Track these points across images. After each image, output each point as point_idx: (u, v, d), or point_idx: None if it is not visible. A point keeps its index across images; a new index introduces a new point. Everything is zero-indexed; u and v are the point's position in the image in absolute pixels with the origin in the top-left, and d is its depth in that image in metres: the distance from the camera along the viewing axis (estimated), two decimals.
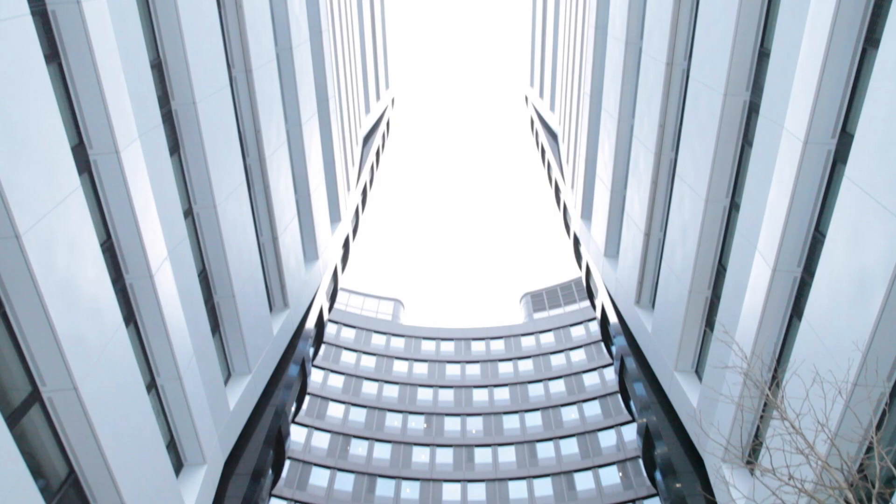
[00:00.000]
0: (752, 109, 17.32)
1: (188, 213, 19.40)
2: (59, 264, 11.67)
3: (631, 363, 28.69)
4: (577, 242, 38.45)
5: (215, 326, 21.52)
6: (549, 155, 46.60)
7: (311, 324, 31.29)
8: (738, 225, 17.88)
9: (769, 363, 14.83)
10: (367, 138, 49.08)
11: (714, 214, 19.40)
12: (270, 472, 28.15)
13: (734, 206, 18.85)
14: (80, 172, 13.38)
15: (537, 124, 52.64)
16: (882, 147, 10.88)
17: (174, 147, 18.35)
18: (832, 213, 12.85)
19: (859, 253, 11.63)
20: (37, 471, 11.79)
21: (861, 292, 11.46)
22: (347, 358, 54.81)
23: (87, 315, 12.61)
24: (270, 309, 26.65)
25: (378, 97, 52.64)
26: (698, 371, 22.64)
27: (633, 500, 41.40)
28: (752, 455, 15.84)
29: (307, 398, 48.34)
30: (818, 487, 5.51)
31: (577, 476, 44.40)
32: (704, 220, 19.48)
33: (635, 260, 26.71)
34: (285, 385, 27.50)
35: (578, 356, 54.34)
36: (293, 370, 28.74)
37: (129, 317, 15.71)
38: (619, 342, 30.46)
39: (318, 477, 44.13)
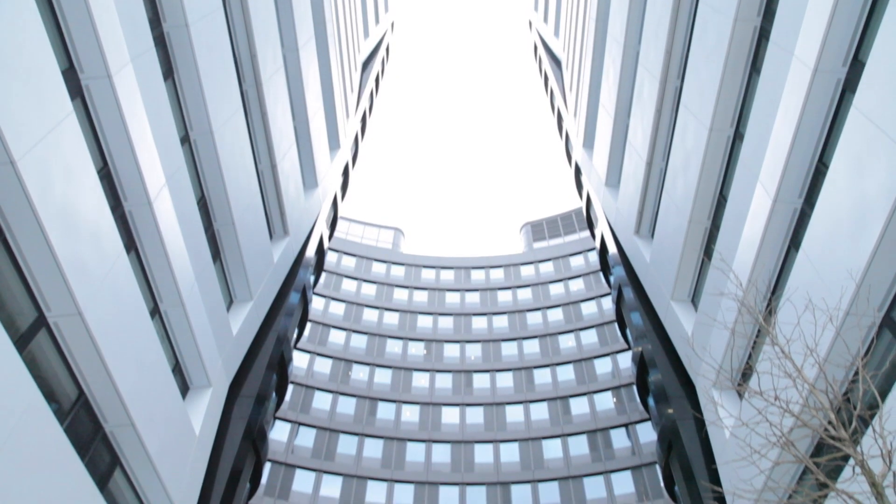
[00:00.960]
0: (763, 36, 16.88)
1: (185, 139, 19.21)
2: (57, 191, 11.65)
3: (628, 293, 29.03)
4: (578, 172, 38.22)
5: (216, 254, 21.66)
6: (553, 82, 45.74)
7: (311, 252, 31.49)
8: (740, 155, 17.73)
9: (764, 292, 15.02)
10: (366, 64, 48.05)
11: (717, 144, 19.21)
12: (274, 395, 28.93)
13: (738, 136, 18.65)
14: (72, 98, 13.17)
15: (541, 50, 51.42)
16: (894, 76, 10.67)
17: (168, 72, 18.00)
18: (837, 143, 12.72)
19: (861, 184, 11.59)
20: (48, 394, 12.10)
21: (860, 223, 11.49)
22: (348, 286, 55.40)
23: (88, 241, 12.67)
24: (271, 236, 26.75)
25: (377, 21, 51.22)
26: (694, 300, 22.93)
27: (626, 425, 42.70)
28: (742, 380, 16.23)
29: (309, 325, 49.14)
30: (804, 409, 5.70)
31: (572, 401, 45.65)
32: (707, 150, 19.31)
33: (636, 189, 26.63)
34: (287, 312, 27.92)
35: (577, 286, 54.92)
36: (294, 297, 29.11)
37: (130, 244, 15.79)
38: (618, 272, 30.73)
39: (321, 401, 45.37)
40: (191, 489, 18.11)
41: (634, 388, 41.05)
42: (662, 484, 35.32)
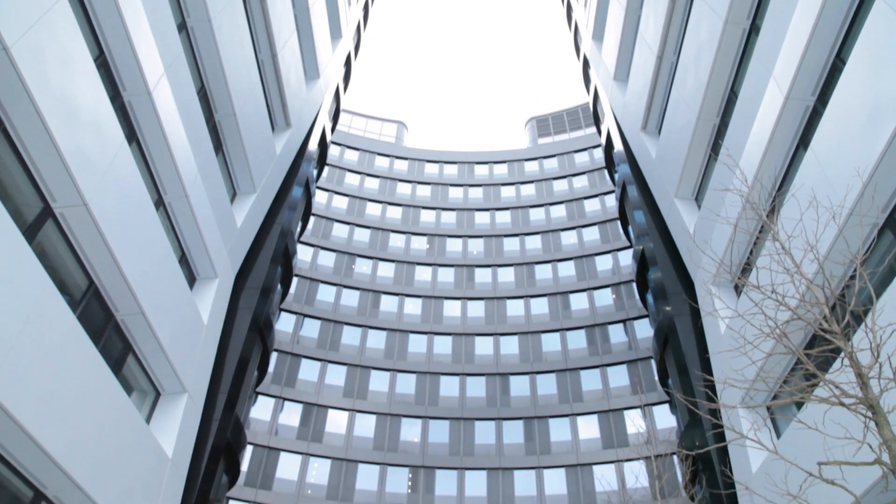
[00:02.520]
0: None
1: (182, 27, 18.57)
2: (54, 79, 11.40)
3: (632, 190, 28.94)
4: (586, 65, 37.13)
5: (218, 145, 21.46)
6: None
7: (313, 144, 31.16)
8: (755, 49, 17.14)
9: (770, 189, 14.97)
10: None
11: (732, 37, 18.53)
12: (279, 287, 29.50)
13: (754, 29, 17.95)
14: None
15: None
16: None
17: None
18: (857, 39, 12.27)
19: (878, 82, 11.28)
20: (59, 284, 12.33)
21: (873, 122, 11.28)
22: (351, 180, 55.22)
23: (89, 131, 12.54)
24: (272, 128, 26.39)
25: None
26: (698, 199, 22.88)
27: (624, 321, 43.73)
28: (741, 275, 16.46)
29: (312, 218, 49.40)
30: (800, 303, 5.84)
31: (572, 297, 46.53)
32: (721, 44, 18.66)
33: (645, 84, 25.96)
34: (290, 205, 27.99)
35: (581, 182, 54.67)
36: (297, 191, 29.10)
37: (131, 135, 15.61)
38: (623, 169, 30.51)
39: (325, 293, 46.30)
40: (201, 375, 18.84)
41: (634, 285, 41.72)
42: (657, 377, 36.65)
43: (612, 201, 51.13)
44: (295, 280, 45.16)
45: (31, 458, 11.14)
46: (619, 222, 45.93)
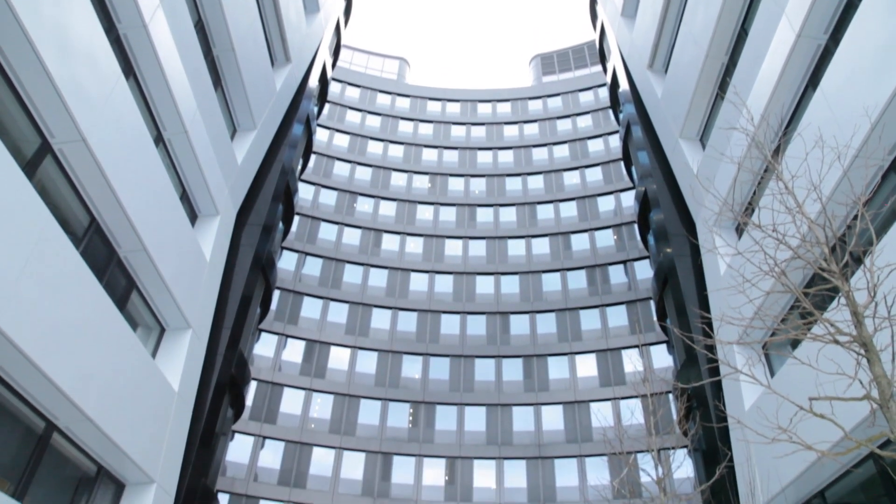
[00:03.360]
0: None
1: None
2: (45, 11, 11.13)
3: (637, 131, 28.61)
4: (593, 0, 36.16)
5: (217, 81, 21.12)
6: None
7: (314, 81, 30.65)
8: None
9: (776, 129, 14.80)
10: None
11: None
12: (281, 225, 29.54)
13: None
14: None
15: None
16: None
17: None
18: None
19: (893, 19, 11.00)
20: (61, 221, 12.34)
21: (886, 61, 11.05)
22: (352, 117, 54.55)
23: (84, 64, 12.32)
24: (272, 63, 25.91)
25: None
26: (703, 139, 22.64)
27: (625, 262, 43.90)
28: (744, 216, 16.43)
29: (313, 157, 49.04)
30: (801, 243, 5.86)
31: (573, 237, 46.59)
32: None
33: (654, 20, 25.33)
34: (290, 143, 27.74)
35: (585, 122, 53.98)
36: (297, 129, 28.79)
37: (128, 69, 15.35)
38: (628, 109, 30.07)
39: (327, 232, 46.38)
40: (205, 311, 19.06)
41: (635, 226, 41.72)
42: (655, 318, 37.04)
43: (615, 142, 50.59)
44: (296, 218, 45.17)
45: (42, 390, 11.39)
46: (622, 163, 45.59)
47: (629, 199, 46.57)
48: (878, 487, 12.34)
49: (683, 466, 26.66)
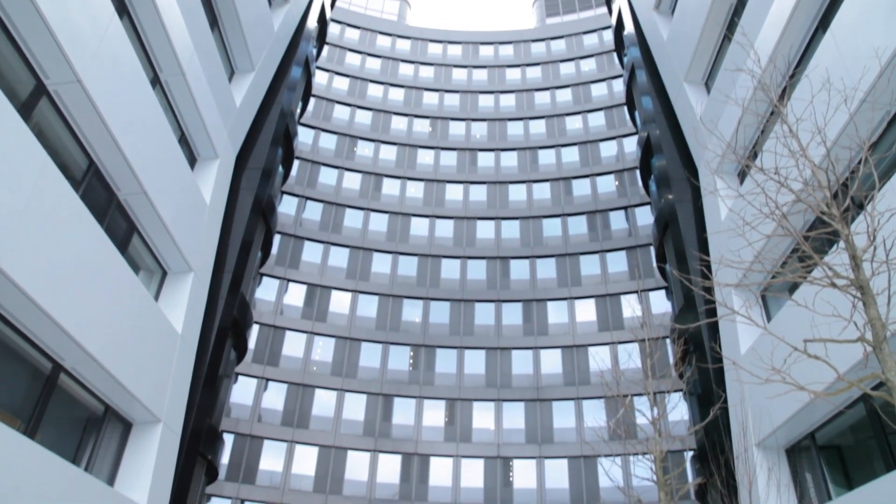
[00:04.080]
0: None
1: None
2: None
3: (641, 75, 28.14)
4: None
5: (213, 21, 20.67)
6: None
7: (312, 21, 30.01)
8: None
9: (784, 72, 14.55)
10: None
11: None
12: (281, 169, 29.37)
13: None
14: None
15: None
16: None
17: None
18: None
19: None
20: (60, 164, 12.25)
21: None
22: (352, 60, 53.58)
23: (77, 2, 12.05)
24: (269, 3, 25.31)
25: None
26: (708, 83, 22.29)
27: (626, 207, 43.79)
28: (747, 160, 16.31)
29: (312, 100, 48.38)
30: (803, 187, 5.83)
31: (575, 182, 46.37)
32: None
33: None
34: (289, 86, 27.34)
35: (588, 66, 53.02)
36: (296, 71, 28.33)
37: (122, 8, 15.01)
38: (633, 52, 29.51)
39: (327, 176, 46.14)
40: (206, 255, 19.13)
41: (637, 172, 41.47)
42: (655, 264, 37.19)
43: (619, 86, 49.79)
44: (296, 162, 44.88)
45: (48, 332, 11.54)
46: (625, 108, 44.99)
47: (631, 145, 46.15)
48: (867, 429, 12.62)
49: (679, 410, 27.22)
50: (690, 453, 25.50)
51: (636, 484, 25.47)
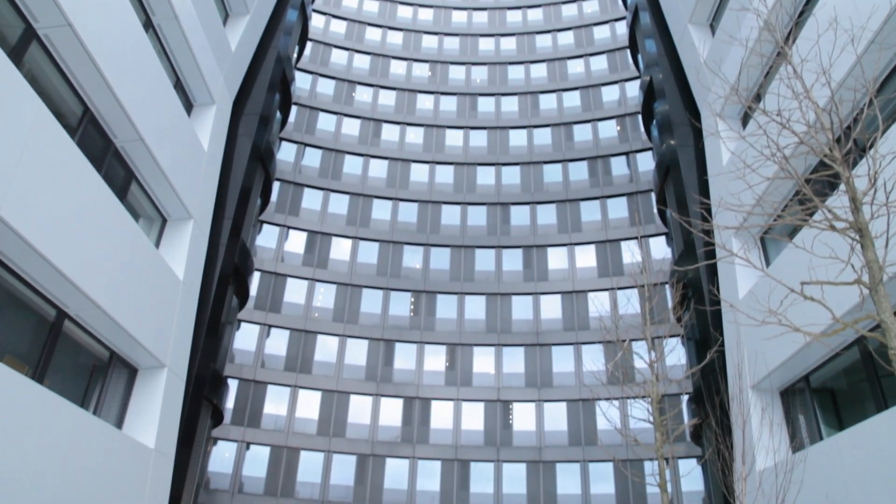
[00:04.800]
0: None
1: None
2: None
3: (645, 17, 27.54)
4: None
5: None
6: None
7: None
8: None
9: (791, 11, 14.22)
10: None
11: None
12: (279, 115, 29.03)
13: None
14: None
15: None
16: None
17: None
18: None
19: None
20: (54, 111, 12.10)
21: None
22: (349, 2, 52.31)
23: None
24: None
25: None
26: (713, 25, 21.82)
27: (627, 153, 43.45)
28: (751, 102, 16.10)
29: (309, 44, 47.42)
30: (806, 130, 5.75)
31: (576, 127, 45.87)
32: None
33: None
34: (285, 30, 26.79)
35: (591, 7, 51.77)
36: (292, 14, 27.71)
37: None
38: None
39: (325, 122, 45.63)
40: (205, 202, 19.09)
41: (639, 116, 40.97)
42: (655, 210, 37.11)
43: (622, 29, 48.71)
44: (294, 108, 44.31)
45: (50, 279, 11.62)
46: (628, 51, 44.14)
47: (634, 89, 45.46)
48: (860, 372, 12.83)
49: (676, 354, 27.61)
50: (686, 397, 26.00)
51: (633, 426, 26.04)
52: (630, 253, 39.02)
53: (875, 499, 10.68)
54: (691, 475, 32.59)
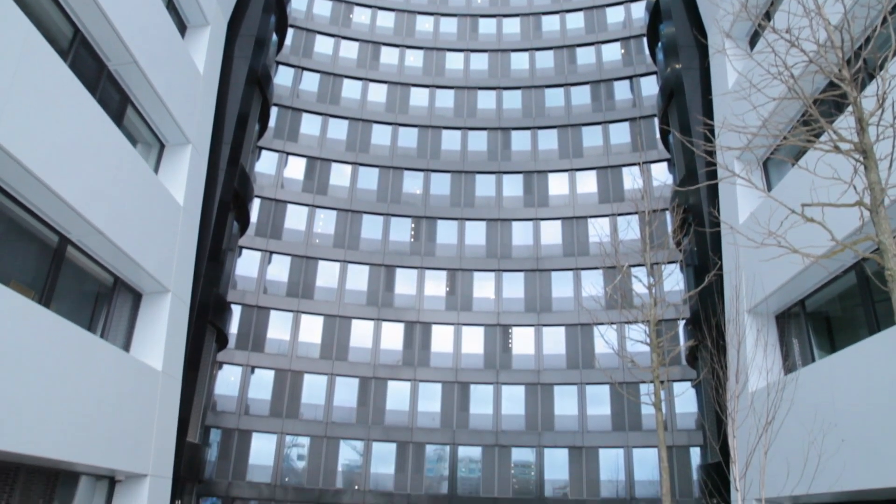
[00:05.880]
0: None
1: None
2: None
3: None
4: None
5: None
6: None
7: None
8: None
9: None
10: None
11: None
12: (275, 37, 28.30)
13: None
14: None
15: None
16: None
17: None
18: None
19: None
20: (44, 33, 11.78)
21: None
22: None
23: None
24: None
25: None
26: None
27: (631, 77, 42.56)
28: (762, 20, 15.68)
29: None
30: (816, 48, 5.61)
31: (579, 50, 44.78)
32: None
33: None
34: None
35: None
36: None
37: None
38: None
39: (323, 45, 44.53)
40: (202, 126, 18.85)
41: (644, 39, 39.95)
42: (658, 136, 36.68)
43: None
44: (290, 31, 43.13)
45: (51, 205, 11.61)
46: None
47: (639, 10, 44.11)
48: (856, 297, 12.99)
49: (673, 278, 27.89)
50: (683, 322, 26.42)
51: (630, 349, 26.58)
52: (631, 177, 38.85)
53: (861, 417, 11.02)
54: (685, 400, 33.55)
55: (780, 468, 10.98)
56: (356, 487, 34.43)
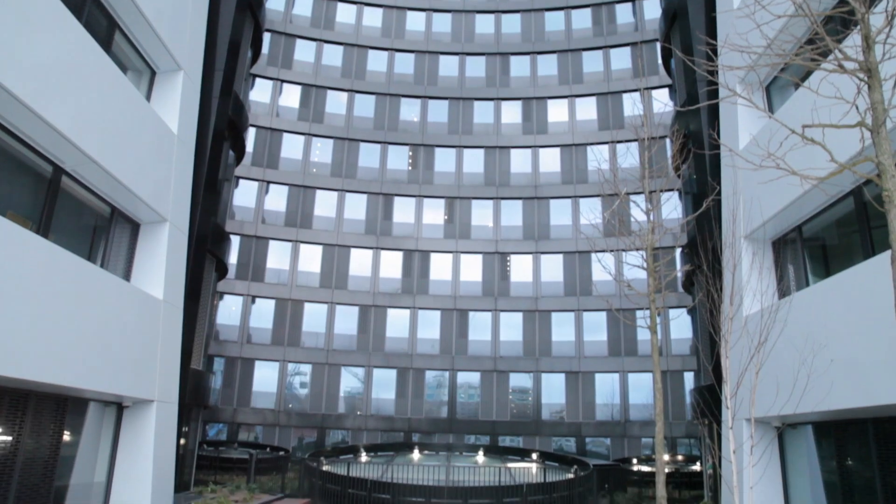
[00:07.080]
0: None
1: None
2: None
3: None
4: None
5: None
6: None
7: None
8: None
9: None
10: None
11: None
12: None
13: None
14: None
15: None
16: None
17: None
18: None
19: None
20: None
21: None
22: None
23: None
24: None
25: None
26: None
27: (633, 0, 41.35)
28: None
29: None
30: None
31: None
32: None
33: None
34: None
35: None
36: None
37: None
38: None
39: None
40: (194, 52, 18.37)
41: None
42: (660, 61, 35.87)
43: None
44: None
45: (44, 135, 11.45)
46: None
47: None
48: (853, 224, 13.00)
49: (673, 205, 27.87)
50: (680, 249, 26.56)
51: (627, 274, 26.81)
52: (632, 103, 38.26)
53: (851, 338, 11.23)
54: (680, 326, 34.06)
55: (769, 388, 11.27)
56: (358, 412, 35.42)
